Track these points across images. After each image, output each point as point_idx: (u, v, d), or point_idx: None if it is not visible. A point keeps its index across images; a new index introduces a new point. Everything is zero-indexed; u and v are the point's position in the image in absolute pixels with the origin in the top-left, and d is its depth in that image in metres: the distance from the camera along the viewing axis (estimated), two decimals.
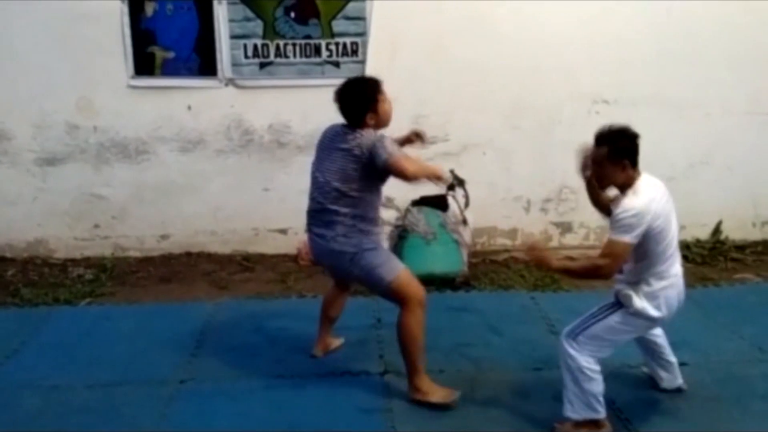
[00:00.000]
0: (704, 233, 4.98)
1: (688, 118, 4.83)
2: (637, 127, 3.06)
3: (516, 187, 4.93)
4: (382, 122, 3.01)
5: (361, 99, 2.96)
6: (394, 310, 3.02)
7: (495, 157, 4.85)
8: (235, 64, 4.65)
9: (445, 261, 4.45)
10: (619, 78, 4.73)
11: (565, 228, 5.02)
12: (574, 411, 2.72)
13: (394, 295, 2.96)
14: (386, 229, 4.59)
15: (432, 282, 4.31)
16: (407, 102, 4.73)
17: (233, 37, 4.60)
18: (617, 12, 4.63)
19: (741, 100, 4.87)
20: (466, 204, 4.68)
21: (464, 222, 4.64)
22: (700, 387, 3.11)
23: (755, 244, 5.05)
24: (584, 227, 5.03)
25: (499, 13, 4.61)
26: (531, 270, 4.70)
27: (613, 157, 2.63)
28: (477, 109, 4.75)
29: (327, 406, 3.02)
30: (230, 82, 4.69)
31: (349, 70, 4.66)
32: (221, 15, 4.56)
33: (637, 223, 2.56)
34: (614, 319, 2.70)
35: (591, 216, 4.96)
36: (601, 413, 2.72)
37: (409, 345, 2.96)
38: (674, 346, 3.29)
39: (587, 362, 2.67)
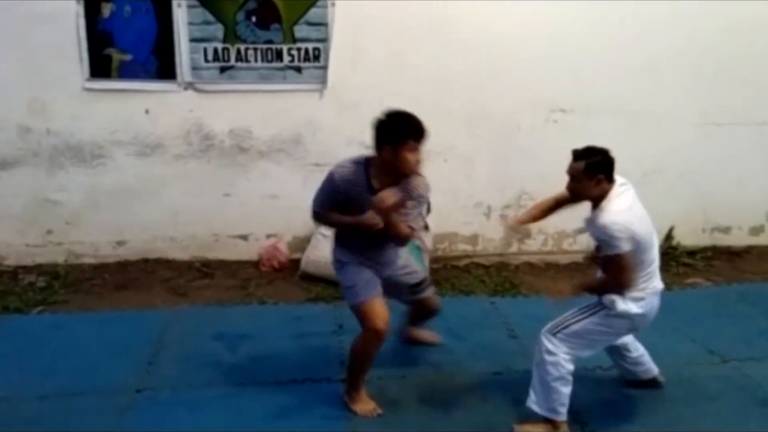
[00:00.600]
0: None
1: (641, 127, 4.97)
2: (592, 135, 3.15)
3: (476, 193, 5.00)
4: (396, 166, 2.77)
5: (384, 129, 2.78)
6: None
7: (456, 163, 4.90)
8: (194, 68, 4.58)
9: None
10: (575, 87, 4.85)
11: (524, 234, 5.10)
12: (538, 405, 2.78)
13: (356, 316, 2.98)
14: None
15: None
16: (369, 107, 4.68)
17: (193, 40, 4.54)
18: (573, 22, 4.73)
19: (692, 110, 5.04)
20: (428, 210, 4.75)
21: (426, 228, 4.68)
22: (653, 388, 3.19)
23: (705, 249, 5.23)
24: (542, 233, 5.12)
25: (459, 21, 4.66)
26: (491, 275, 4.77)
27: (589, 171, 2.70)
28: (438, 116, 4.71)
29: (288, 413, 3.00)
30: (190, 86, 4.62)
31: (311, 75, 4.66)
32: (180, 18, 4.49)
33: (626, 233, 2.63)
34: (595, 319, 2.76)
35: (549, 222, 5.06)
36: (562, 416, 2.78)
37: (353, 364, 3.01)
38: None
39: (564, 360, 2.73)
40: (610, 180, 2.74)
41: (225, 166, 4.77)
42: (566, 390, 2.75)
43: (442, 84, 4.73)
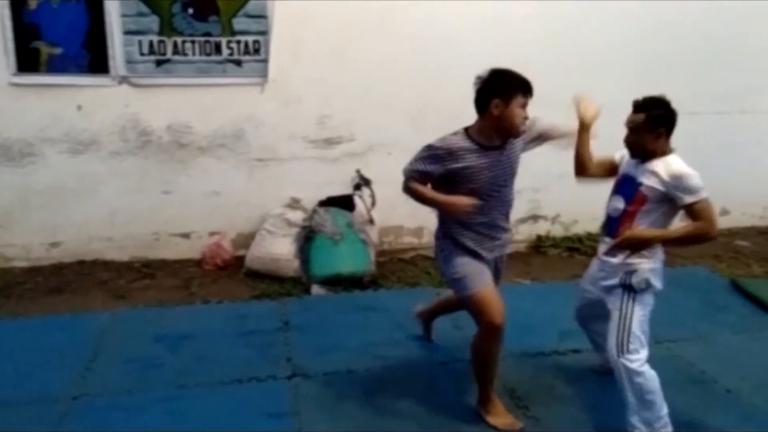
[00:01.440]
0: (595, 227, 5.26)
1: None
2: None
3: None
4: (505, 124, 2.78)
5: (492, 83, 2.75)
6: (302, 312, 2.98)
7: (400, 156, 4.79)
8: (129, 62, 4.43)
9: (352, 261, 4.46)
10: None
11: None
12: (646, 425, 2.67)
13: (469, 310, 2.83)
14: (293, 231, 4.55)
15: (340, 282, 4.33)
16: (312, 102, 4.73)
17: (127, 32, 4.39)
18: (518, 14, 4.79)
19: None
20: (373, 203, 4.77)
21: (371, 221, 4.69)
22: (595, 373, 3.28)
23: None
24: None
25: (402, 13, 4.67)
26: (437, 267, 4.81)
27: (650, 124, 2.63)
28: (382, 109, 4.80)
29: (233, 413, 2.95)
30: (124, 80, 4.47)
31: (251, 69, 4.58)
32: (113, 9, 4.33)
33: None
34: (638, 307, 2.69)
35: None
36: (669, 427, 2.69)
37: (476, 369, 2.85)
38: (569, 334, 3.49)
39: (647, 368, 2.66)
40: (669, 135, 2.65)
41: (164, 163, 4.64)
42: (661, 398, 2.67)
43: (386, 76, 4.72)
